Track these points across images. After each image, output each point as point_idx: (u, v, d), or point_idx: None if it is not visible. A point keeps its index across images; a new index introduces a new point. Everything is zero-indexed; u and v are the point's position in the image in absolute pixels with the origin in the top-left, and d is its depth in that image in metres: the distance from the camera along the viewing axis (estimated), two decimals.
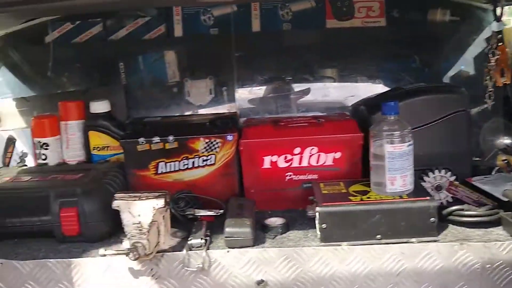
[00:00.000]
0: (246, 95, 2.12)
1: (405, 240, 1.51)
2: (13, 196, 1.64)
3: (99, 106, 1.95)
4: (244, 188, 1.80)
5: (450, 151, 1.77)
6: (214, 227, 1.62)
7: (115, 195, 1.48)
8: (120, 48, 2.18)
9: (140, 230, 1.44)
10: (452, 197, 1.73)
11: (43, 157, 1.96)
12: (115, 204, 1.46)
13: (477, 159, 1.96)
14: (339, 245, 1.51)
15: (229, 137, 1.76)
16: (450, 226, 1.59)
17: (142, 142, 1.76)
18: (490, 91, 1.82)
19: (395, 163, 1.53)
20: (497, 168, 1.85)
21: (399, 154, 1.52)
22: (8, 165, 1.99)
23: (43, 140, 1.95)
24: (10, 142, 1.99)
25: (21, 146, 1.99)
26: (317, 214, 1.53)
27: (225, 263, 1.52)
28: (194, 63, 2.17)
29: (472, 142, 1.89)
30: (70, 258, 1.52)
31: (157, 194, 1.47)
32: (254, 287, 1.52)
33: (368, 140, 1.60)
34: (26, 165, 1.99)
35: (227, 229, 1.52)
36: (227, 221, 1.55)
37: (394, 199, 1.53)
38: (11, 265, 1.53)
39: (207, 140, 1.76)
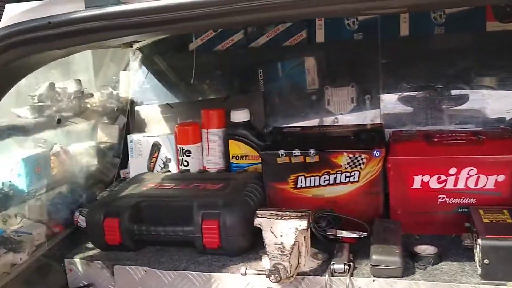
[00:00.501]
0: (392, 105, 1.97)
1: None
2: (159, 205, 1.67)
3: (240, 115, 1.93)
4: (389, 209, 1.67)
5: None
6: (357, 251, 1.51)
7: (257, 211, 1.43)
8: (259, 55, 2.15)
9: (282, 251, 1.37)
10: None
11: (185, 163, 1.99)
12: (257, 221, 1.41)
13: None
14: (505, 285, 1.31)
15: (376, 153, 1.63)
16: None
17: (282, 155, 1.70)
18: None
19: None
20: None
21: None
22: (152, 170, 2.06)
23: (186, 147, 1.98)
24: (155, 148, 2.05)
25: (165, 152, 2.04)
26: (478, 247, 1.35)
27: None
28: (335, 70, 2.06)
29: None
30: (210, 271, 1.51)
31: (300, 214, 1.40)
32: None
33: None
34: (169, 171, 2.03)
35: (374, 257, 1.40)
36: (374, 247, 1.43)
37: None
38: (154, 274, 1.56)
39: (351, 155, 1.65)
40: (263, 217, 1.41)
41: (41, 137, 1.89)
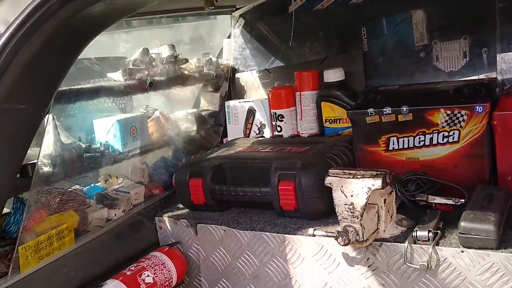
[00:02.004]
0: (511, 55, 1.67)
1: None
2: (240, 166, 1.64)
3: (332, 75, 1.81)
4: (497, 175, 1.42)
5: None
6: (451, 220, 1.31)
7: (329, 170, 1.32)
8: (362, 11, 1.98)
9: (352, 212, 1.25)
10: None
11: (279, 128, 1.93)
12: (328, 180, 1.29)
13: None
14: None
15: (479, 109, 1.40)
16: None
17: (372, 113, 1.55)
18: None
19: None
20: None
21: None
22: (248, 136, 2.03)
23: (279, 111, 1.92)
24: (250, 113, 2.02)
25: (259, 117, 2.00)
26: None
27: (458, 265, 1.21)
28: (445, 22, 1.82)
29: None
30: (285, 233, 1.44)
31: (375, 173, 1.25)
32: None
33: None
34: (263, 137, 1.99)
35: (463, 224, 1.20)
36: (465, 213, 1.23)
37: None
38: (232, 233, 1.53)
39: (449, 112, 1.44)
40: (335, 176, 1.29)
41: (144, 103, 2.00)
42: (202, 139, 2.15)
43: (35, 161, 1.42)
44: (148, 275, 1.49)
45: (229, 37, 2.30)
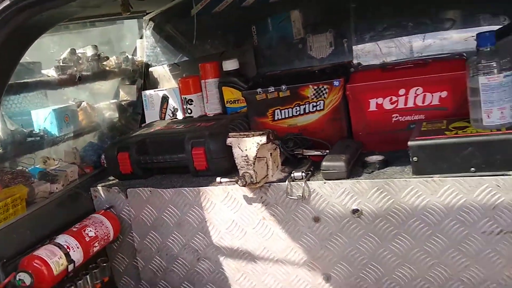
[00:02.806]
0: (363, 44, 2.20)
1: (501, 173, 1.49)
2: (160, 139, 2.04)
3: (229, 65, 2.25)
4: (352, 132, 1.93)
5: None
6: (319, 165, 1.79)
7: (229, 134, 1.75)
8: (252, 13, 2.44)
9: (247, 162, 1.69)
10: None
11: (189, 111, 2.34)
12: (228, 141, 1.73)
13: None
14: (431, 177, 1.56)
15: (336, 83, 1.90)
16: None
17: (260, 92, 2.00)
18: None
19: (491, 95, 1.51)
20: None
21: (495, 86, 1.50)
22: (163, 119, 2.42)
23: (188, 96, 2.33)
24: (164, 100, 2.41)
25: (172, 103, 2.40)
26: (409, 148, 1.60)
27: (323, 193, 1.69)
28: (315, 19, 2.32)
29: None
30: (200, 187, 1.86)
31: (261, 132, 1.71)
32: (349, 216, 1.67)
33: None
34: (177, 118, 2.39)
35: (323, 163, 1.69)
36: (326, 157, 1.71)
37: (490, 132, 1.52)
38: (157, 192, 1.93)
39: (315, 87, 1.93)
40: (233, 137, 1.73)
41: (71, 96, 2.32)
42: (123, 125, 2.50)
43: None
44: (90, 230, 1.84)
45: (141, 37, 2.67)
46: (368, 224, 1.66)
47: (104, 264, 2.00)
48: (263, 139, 1.68)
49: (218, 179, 1.75)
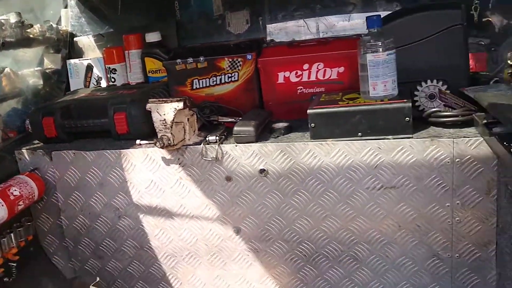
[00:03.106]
0: (276, 22, 2.41)
1: (382, 137, 1.75)
2: (84, 105, 2.15)
3: (152, 37, 2.38)
4: (263, 102, 2.14)
5: (447, 63, 1.91)
6: (232, 130, 1.99)
7: (149, 100, 1.90)
8: None
9: (165, 125, 1.85)
10: (444, 104, 1.90)
11: (113, 79, 2.45)
12: (148, 106, 1.88)
13: (486, 73, 2.09)
14: (325, 141, 1.80)
15: (249, 56, 2.09)
16: (431, 127, 1.80)
17: (179, 63, 2.16)
18: None
19: (376, 70, 1.76)
20: (495, 79, 1.96)
21: (379, 62, 1.75)
22: (88, 87, 2.52)
23: (112, 66, 2.44)
24: (89, 69, 2.50)
25: (96, 72, 2.50)
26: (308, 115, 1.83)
27: (234, 155, 1.89)
28: None
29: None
30: (121, 149, 2.00)
31: (178, 99, 1.87)
32: (257, 175, 1.89)
33: None
34: (100, 86, 2.50)
35: (235, 128, 1.88)
36: (237, 123, 1.91)
37: (375, 102, 1.77)
38: (80, 155, 2.05)
39: (230, 60, 2.11)
40: (152, 103, 1.88)
41: None
42: (48, 92, 2.57)
43: None
44: (15, 190, 1.94)
45: (65, 7, 2.72)
46: (273, 182, 1.88)
47: (29, 223, 2.11)
48: (180, 104, 1.85)
49: (138, 141, 1.90)
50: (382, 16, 1.80)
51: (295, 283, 1.98)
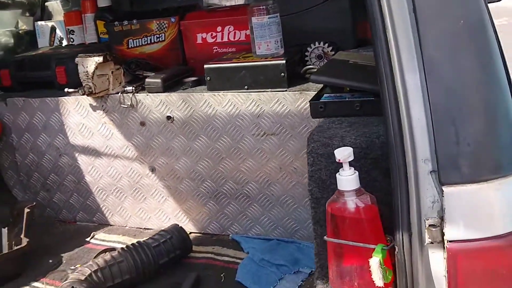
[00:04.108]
0: None
1: (263, 90, 2.03)
2: (33, 60, 2.52)
3: (103, 2, 2.70)
4: (186, 59, 2.43)
5: (333, 27, 2.16)
6: None
7: (79, 55, 2.24)
8: None
9: (87, 76, 2.19)
10: None
11: (72, 40, 2.80)
12: (76, 60, 2.22)
13: None
14: (218, 93, 2.09)
15: (172, 19, 2.39)
16: (308, 82, 2.05)
17: (117, 25, 2.48)
18: None
19: (260, 31, 2.02)
20: None
21: (262, 24, 2.01)
22: (52, 45, 2.89)
23: (71, 27, 2.79)
24: (53, 30, 2.86)
25: (59, 32, 2.86)
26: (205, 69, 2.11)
27: (146, 103, 2.21)
28: None
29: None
30: (59, 97, 2.36)
31: (99, 54, 2.20)
32: (165, 121, 2.20)
33: None
34: (62, 45, 2.86)
35: (146, 80, 2.20)
36: (149, 76, 2.23)
37: (259, 59, 2.04)
38: (28, 101, 2.42)
39: (158, 22, 2.41)
40: (79, 57, 2.22)
41: None
42: (22, 50, 2.95)
43: None
44: None
45: None
46: (178, 128, 2.19)
47: None
48: (100, 59, 2.18)
49: (66, 89, 2.25)
50: None
51: (202, 217, 2.30)
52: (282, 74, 1.99)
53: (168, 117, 2.19)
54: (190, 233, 2.30)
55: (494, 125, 1.02)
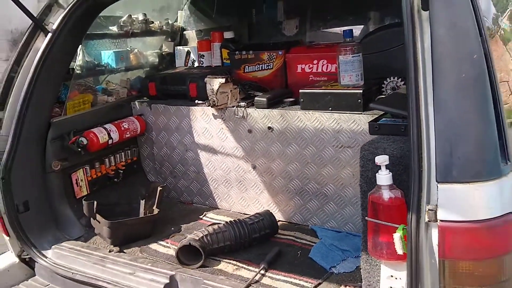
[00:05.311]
0: (314, 30, 3.30)
1: (343, 112, 2.59)
2: (174, 76, 3.31)
3: (228, 34, 3.43)
4: (288, 84, 3.07)
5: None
6: None
7: (208, 76, 2.96)
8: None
9: (212, 92, 2.90)
10: None
11: (202, 62, 3.57)
12: (205, 80, 2.94)
13: None
14: (308, 111, 2.68)
15: (280, 52, 3.04)
16: None
17: (237, 54, 3.19)
18: None
19: (344, 66, 2.60)
20: None
21: (346, 61, 2.59)
22: (186, 65, 3.68)
23: (202, 53, 3.56)
24: (188, 54, 3.65)
25: (192, 56, 3.64)
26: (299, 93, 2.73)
27: (254, 116, 2.87)
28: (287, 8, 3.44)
29: None
30: (190, 106, 3.10)
31: (223, 76, 2.90)
32: (266, 131, 2.84)
33: None
34: (193, 66, 3.64)
35: (255, 98, 2.87)
36: (258, 95, 2.89)
37: (342, 88, 2.62)
38: (167, 108, 3.20)
39: (268, 54, 3.08)
40: (208, 78, 2.94)
41: (128, 45, 3.63)
42: (163, 68, 3.79)
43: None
44: (125, 124, 3.15)
45: (182, 9, 3.92)
46: (276, 136, 2.83)
47: (134, 149, 3.34)
48: (223, 80, 2.88)
49: (196, 101, 2.99)
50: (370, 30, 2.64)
51: (289, 208, 2.91)
52: (359, 100, 2.54)
53: (269, 128, 2.83)
54: (279, 221, 2.91)
55: (479, 147, 1.52)
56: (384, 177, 1.75)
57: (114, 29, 3.40)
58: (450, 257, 1.53)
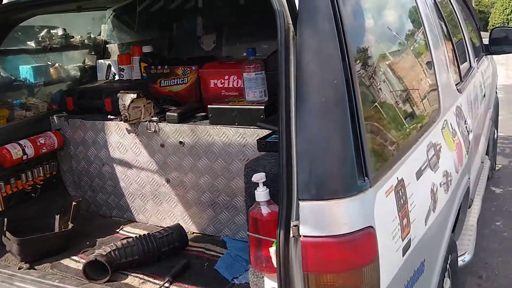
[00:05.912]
0: (230, 45, 3.40)
1: (248, 127, 2.68)
2: (91, 91, 3.33)
3: (146, 48, 3.49)
4: (202, 98, 3.15)
5: None
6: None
7: (120, 91, 3.01)
8: (171, 15, 3.66)
9: (124, 108, 2.95)
10: None
11: (122, 76, 3.61)
12: (117, 95, 2.99)
13: None
14: (217, 126, 2.77)
15: (193, 67, 3.12)
16: None
17: (153, 68, 3.24)
18: None
19: (247, 83, 2.70)
20: None
21: (250, 78, 2.69)
22: (107, 79, 3.71)
23: (122, 66, 3.60)
24: (109, 67, 3.69)
25: (113, 69, 3.67)
26: (208, 109, 2.81)
27: (165, 131, 2.93)
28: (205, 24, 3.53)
29: None
30: (106, 120, 3.13)
31: (135, 91, 2.95)
32: (178, 145, 2.91)
33: None
34: (113, 80, 3.67)
35: (166, 113, 2.92)
36: (169, 110, 2.95)
37: (247, 104, 2.72)
38: (83, 122, 3.22)
39: (182, 68, 3.15)
40: (120, 93, 2.99)
41: (48, 59, 3.63)
42: (87, 81, 3.80)
43: None
44: (41, 139, 3.15)
45: (105, 23, 3.94)
46: (188, 150, 2.90)
47: (53, 163, 3.34)
48: (134, 95, 2.93)
49: (109, 116, 3.03)
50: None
51: (202, 220, 2.98)
52: (262, 116, 2.65)
53: (180, 142, 2.90)
54: (193, 232, 2.98)
55: (337, 166, 1.63)
56: (261, 194, 1.84)
57: (32, 44, 3.39)
58: (313, 270, 1.63)
